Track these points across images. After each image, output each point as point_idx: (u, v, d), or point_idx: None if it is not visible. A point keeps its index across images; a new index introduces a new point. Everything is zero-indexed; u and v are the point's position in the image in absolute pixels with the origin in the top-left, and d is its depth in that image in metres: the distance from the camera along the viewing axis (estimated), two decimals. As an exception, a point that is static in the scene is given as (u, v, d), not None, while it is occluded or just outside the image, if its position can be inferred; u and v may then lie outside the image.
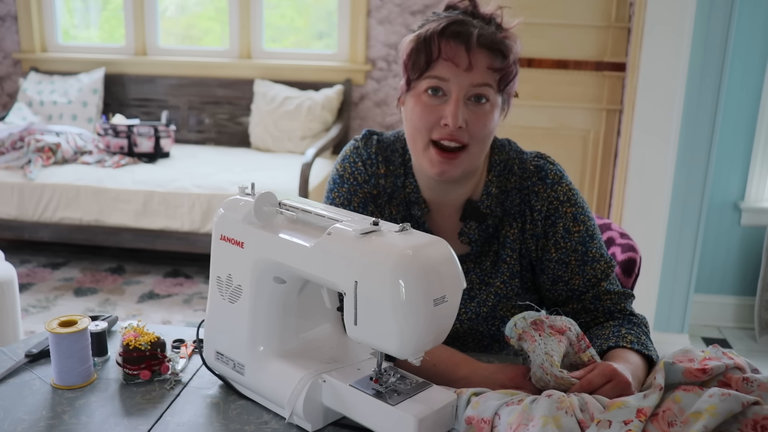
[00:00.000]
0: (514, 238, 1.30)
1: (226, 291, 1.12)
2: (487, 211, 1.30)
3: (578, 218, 1.29)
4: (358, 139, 1.38)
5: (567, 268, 1.28)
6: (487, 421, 0.98)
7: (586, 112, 3.18)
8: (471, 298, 1.31)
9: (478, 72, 1.20)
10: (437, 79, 1.21)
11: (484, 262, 1.32)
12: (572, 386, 1.03)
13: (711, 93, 2.83)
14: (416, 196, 1.33)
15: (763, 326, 3.20)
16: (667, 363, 1.00)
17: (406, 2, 4.29)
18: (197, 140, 4.54)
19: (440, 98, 1.22)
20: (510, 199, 1.31)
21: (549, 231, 1.29)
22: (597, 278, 1.27)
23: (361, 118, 4.49)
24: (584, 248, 1.28)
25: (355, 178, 1.34)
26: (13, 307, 2.34)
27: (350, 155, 1.36)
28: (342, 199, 1.34)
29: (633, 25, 2.95)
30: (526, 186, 1.30)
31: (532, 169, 1.31)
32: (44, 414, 1.08)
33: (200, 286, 3.61)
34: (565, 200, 1.29)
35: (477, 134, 1.22)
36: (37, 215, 3.70)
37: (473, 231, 1.31)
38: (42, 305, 3.34)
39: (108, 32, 4.86)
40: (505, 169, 1.32)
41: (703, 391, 0.97)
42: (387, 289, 0.92)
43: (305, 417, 1.03)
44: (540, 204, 1.29)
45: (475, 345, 1.34)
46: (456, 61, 1.19)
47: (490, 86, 1.21)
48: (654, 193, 2.91)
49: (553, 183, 1.30)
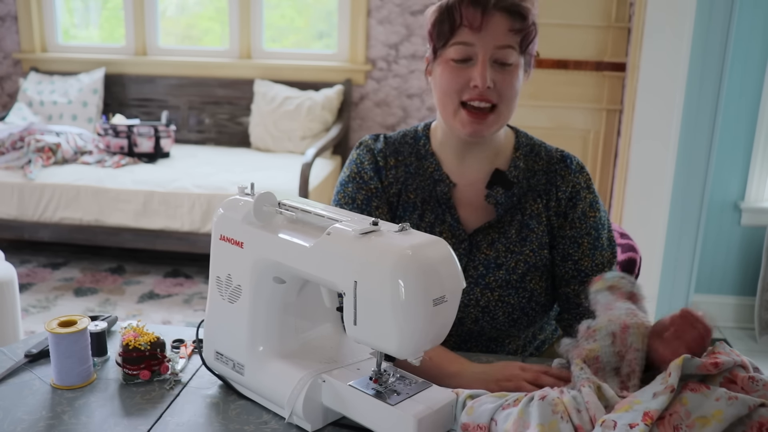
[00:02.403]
0: (540, 212, 1.35)
1: (226, 291, 1.12)
2: (514, 180, 1.35)
3: (595, 206, 1.36)
4: (364, 141, 1.42)
5: (579, 248, 1.34)
6: (483, 427, 0.97)
7: (586, 112, 3.18)
8: (498, 266, 1.34)
9: (499, 34, 1.25)
10: (463, 45, 1.26)
11: (509, 231, 1.35)
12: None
13: (711, 93, 2.83)
14: (439, 174, 1.37)
15: (763, 326, 3.20)
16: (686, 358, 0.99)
17: (406, 2, 4.29)
18: (197, 140, 4.54)
19: (465, 62, 1.27)
20: (537, 177, 1.37)
21: (569, 212, 1.35)
22: (603, 264, 1.34)
23: (361, 118, 4.49)
24: (597, 233, 1.35)
25: (361, 177, 1.38)
26: (13, 307, 2.34)
27: (356, 158, 1.41)
28: (347, 198, 1.37)
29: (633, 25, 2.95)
30: (553, 169, 1.37)
31: (559, 157, 1.38)
32: (44, 414, 1.08)
33: (200, 286, 3.61)
34: (585, 187, 1.36)
35: (505, 94, 1.27)
36: (37, 215, 3.70)
37: (500, 195, 1.35)
38: (42, 305, 3.34)
39: (108, 32, 4.86)
40: (532, 152, 1.39)
41: (710, 391, 0.96)
42: (386, 289, 0.92)
43: (305, 417, 1.03)
44: (565, 186, 1.36)
45: (505, 318, 1.35)
46: (477, 25, 1.24)
47: (512, 48, 1.26)
48: (654, 193, 2.91)
49: (576, 170, 1.37)
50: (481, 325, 1.35)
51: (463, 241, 1.34)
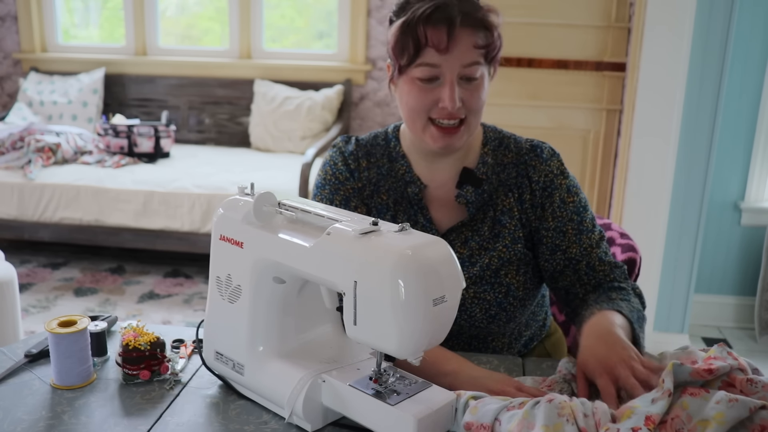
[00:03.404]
0: (512, 207, 1.35)
1: (226, 291, 1.12)
2: (483, 177, 1.35)
3: (571, 190, 1.35)
4: (336, 143, 1.43)
5: (564, 236, 1.34)
6: (486, 426, 0.97)
7: (586, 112, 3.18)
8: (472, 263, 1.34)
9: (465, 53, 1.23)
10: (429, 66, 1.23)
11: (482, 228, 1.35)
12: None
13: (711, 93, 2.83)
14: (410, 176, 1.37)
15: (763, 326, 3.20)
16: (676, 365, 0.99)
17: (406, 2, 4.28)
18: (197, 140, 4.54)
19: (431, 82, 1.25)
20: (507, 171, 1.37)
21: (546, 202, 1.35)
22: (591, 246, 1.33)
23: (361, 118, 4.49)
24: (579, 218, 1.34)
25: (336, 178, 1.39)
26: (13, 307, 2.34)
27: (329, 161, 1.41)
28: (325, 200, 1.38)
29: (633, 25, 2.95)
30: (524, 161, 1.36)
31: (528, 147, 1.38)
32: (44, 414, 1.08)
33: (200, 286, 3.61)
34: (558, 173, 1.35)
35: (473, 107, 1.27)
36: (37, 215, 3.70)
37: (470, 194, 1.35)
38: (42, 305, 3.34)
39: (108, 32, 4.86)
40: (501, 145, 1.39)
41: (709, 394, 0.96)
42: (386, 289, 0.92)
43: (305, 417, 1.03)
44: (537, 176, 1.35)
45: (483, 315, 1.34)
46: (443, 46, 1.22)
47: (478, 63, 1.25)
48: (654, 193, 2.91)
49: (548, 158, 1.36)
50: (459, 323, 1.34)
51: None
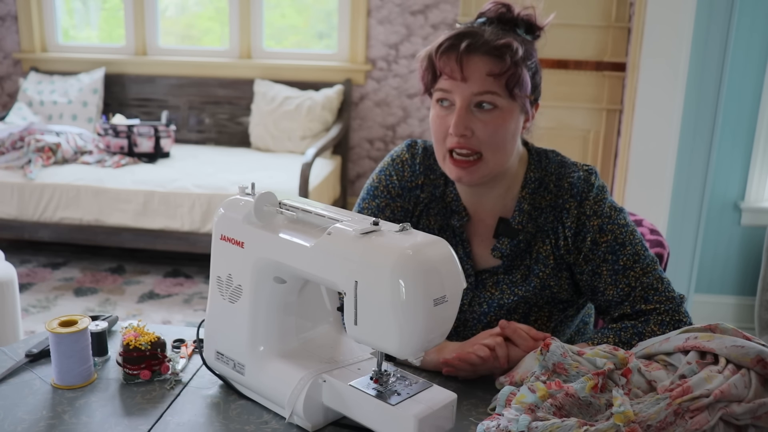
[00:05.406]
0: (547, 254, 1.33)
1: (226, 291, 1.12)
2: (519, 227, 1.32)
3: (605, 228, 1.29)
4: (398, 152, 1.40)
5: (600, 278, 1.29)
6: None
7: (586, 112, 3.18)
8: (500, 306, 1.35)
9: (476, 81, 1.22)
10: (442, 92, 1.26)
11: (515, 275, 1.35)
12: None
13: (711, 93, 2.83)
14: (457, 205, 1.36)
15: (763, 326, 3.20)
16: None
17: (406, 2, 4.29)
18: (197, 140, 4.54)
19: (448, 108, 1.26)
20: (543, 216, 1.33)
21: (581, 246, 1.30)
22: (630, 286, 1.27)
23: (361, 118, 4.49)
24: (614, 257, 1.28)
25: (389, 192, 1.38)
26: (13, 307, 2.34)
27: (388, 167, 1.40)
28: (370, 212, 1.38)
29: (633, 25, 2.95)
30: (559, 204, 1.32)
31: (566, 187, 1.32)
32: (44, 414, 1.08)
33: (200, 286, 3.61)
34: (591, 214, 1.30)
35: (487, 141, 1.24)
36: (37, 215, 3.70)
37: (505, 246, 1.33)
38: (42, 305, 3.34)
39: (108, 32, 4.86)
40: (540, 187, 1.34)
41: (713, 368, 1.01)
42: (387, 289, 0.92)
43: (305, 417, 1.03)
44: (570, 221, 1.31)
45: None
46: (452, 74, 1.23)
47: (493, 93, 1.23)
48: (654, 192, 2.91)
49: (582, 200, 1.30)
50: None
51: (470, 275, 1.35)
